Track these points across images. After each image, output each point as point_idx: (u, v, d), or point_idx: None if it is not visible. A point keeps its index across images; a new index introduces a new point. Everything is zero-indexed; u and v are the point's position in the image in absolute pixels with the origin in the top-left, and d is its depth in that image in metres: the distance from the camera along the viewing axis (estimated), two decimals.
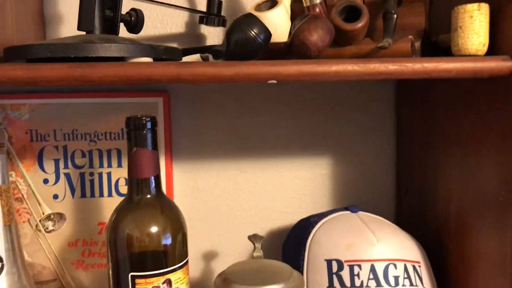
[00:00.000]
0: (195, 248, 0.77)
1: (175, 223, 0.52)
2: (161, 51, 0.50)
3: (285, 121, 0.77)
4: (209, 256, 0.77)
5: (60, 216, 0.71)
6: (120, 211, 0.52)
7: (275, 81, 0.46)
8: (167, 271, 0.50)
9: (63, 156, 0.70)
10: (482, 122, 0.54)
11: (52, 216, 0.71)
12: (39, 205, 0.70)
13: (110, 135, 0.70)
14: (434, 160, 0.66)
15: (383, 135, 0.79)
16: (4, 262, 0.60)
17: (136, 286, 0.49)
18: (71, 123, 0.70)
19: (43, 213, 0.71)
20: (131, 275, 0.49)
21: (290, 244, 0.67)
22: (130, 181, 0.52)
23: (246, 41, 0.46)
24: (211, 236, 0.77)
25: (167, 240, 0.51)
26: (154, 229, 0.51)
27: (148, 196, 0.51)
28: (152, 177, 0.51)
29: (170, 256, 0.51)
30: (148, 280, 0.49)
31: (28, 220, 0.70)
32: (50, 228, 0.71)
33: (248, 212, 0.78)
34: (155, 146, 0.51)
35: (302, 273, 0.61)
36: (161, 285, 0.50)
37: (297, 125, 0.77)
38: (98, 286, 0.72)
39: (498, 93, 0.51)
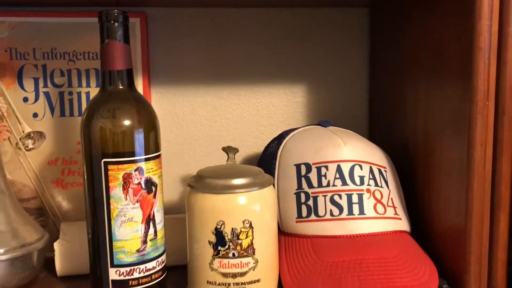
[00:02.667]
0: (173, 172, 0.79)
1: (147, 114, 0.54)
2: None
3: (262, 48, 0.79)
4: (186, 180, 0.80)
5: (40, 135, 0.73)
6: (94, 101, 0.53)
7: None
8: (138, 159, 0.52)
9: (43, 75, 0.71)
10: (442, 54, 0.57)
11: (32, 135, 0.73)
12: (19, 123, 0.72)
13: (88, 54, 0.72)
14: (402, 85, 0.69)
15: (357, 64, 0.81)
16: None
17: (109, 172, 0.51)
18: (50, 42, 0.71)
19: (23, 131, 0.72)
20: (104, 161, 0.51)
21: (264, 157, 0.69)
22: (103, 74, 0.53)
23: None
24: (189, 160, 0.79)
25: (139, 129, 0.53)
26: (126, 118, 0.52)
27: (121, 87, 0.53)
28: (125, 70, 0.53)
29: (143, 146, 0.53)
30: (120, 166, 0.51)
31: (8, 138, 0.72)
32: (30, 146, 0.73)
33: (225, 137, 0.80)
34: (127, 40, 0.53)
35: (274, 180, 0.63)
36: (133, 172, 0.52)
37: (274, 52, 0.79)
38: (77, 204, 0.73)
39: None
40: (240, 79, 0.79)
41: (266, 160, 0.67)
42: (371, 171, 0.61)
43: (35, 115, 0.72)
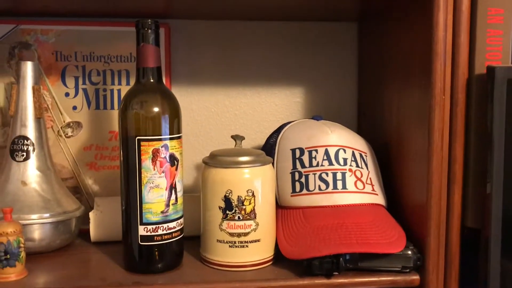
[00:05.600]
0: (188, 160, 0.92)
1: (172, 103, 0.67)
2: None
3: (267, 54, 0.92)
4: (200, 167, 0.93)
5: (78, 124, 0.86)
6: (130, 92, 0.67)
7: None
8: (164, 137, 0.65)
9: (82, 74, 0.85)
10: (410, 59, 0.70)
11: (71, 124, 0.86)
12: (61, 114, 0.86)
13: (121, 58, 0.86)
14: (382, 87, 0.82)
15: (347, 70, 0.94)
16: (35, 146, 0.75)
17: (141, 148, 0.64)
18: (89, 47, 0.85)
19: (64, 121, 0.86)
20: (137, 139, 0.65)
21: (266, 147, 0.82)
22: (137, 70, 0.67)
23: None
24: (202, 150, 0.92)
25: (166, 115, 0.66)
26: (155, 105, 0.66)
27: (152, 81, 0.67)
28: (155, 67, 0.67)
29: (168, 128, 0.66)
30: (150, 143, 0.65)
31: (52, 127, 0.85)
32: (69, 134, 0.86)
33: (233, 131, 0.93)
34: (157, 43, 0.66)
35: (273, 162, 0.76)
36: (160, 148, 0.65)
37: (276, 59, 0.92)
38: (107, 184, 0.87)
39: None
40: (247, 81, 0.93)
41: (267, 149, 0.80)
42: (353, 154, 0.73)
43: (74, 107, 0.86)
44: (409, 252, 0.66)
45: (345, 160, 0.72)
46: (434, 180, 0.65)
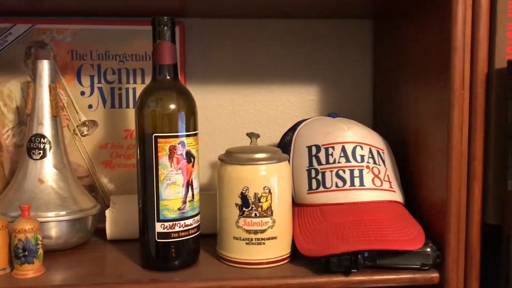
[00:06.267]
0: (203, 158, 0.92)
1: (188, 100, 0.67)
2: None
3: (282, 52, 0.92)
4: (215, 165, 0.92)
5: (93, 123, 0.86)
6: (146, 89, 0.67)
7: None
8: (181, 134, 0.65)
9: (97, 73, 0.86)
10: (427, 55, 0.70)
11: (86, 123, 0.86)
12: (77, 113, 0.86)
13: (136, 56, 0.86)
14: (398, 84, 0.81)
15: (362, 67, 0.94)
16: (51, 144, 0.76)
17: (158, 144, 0.64)
18: (105, 46, 0.85)
19: (80, 120, 0.86)
20: (154, 136, 0.64)
21: (281, 145, 0.81)
22: (154, 67, 0.67)
23: None
24: (216, 148, 0.92)
25: (182, 112, 0.66)
26: (172, 102, 0.66)
27: (168, 78, 0.67)
28: (171, 64, 0.67)
29: (185, 125, 0.66)
30: (167, 140, 0.64)
31: (67, 126, 0.86)
32: (85, 132, 0.86)
33: (248, 129, 0.93)
34: (173, 40, 0.66)
35: (289, 159, 0.75)
36: (177, 144, 0.65)
37: (291, 57, 0.92)
38: (122, 182, 0.87)
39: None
40: (262, 79, 0.92)
41: (283, 146, 0.79)
42: (370, 151, 0.73)
43: (90, 106, 0.86)
44: (428, 249, 0.65)
45: (362, 157, 0.72)
46: (454, 177, 0.64)
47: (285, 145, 0.79)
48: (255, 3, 0.79)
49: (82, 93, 0.86)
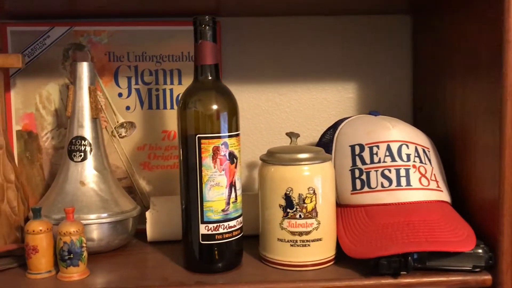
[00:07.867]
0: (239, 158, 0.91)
1: (231, 101, 0.66)
2: None
3: (318, 50, 0.90)
4: (252, 166, 0.91)
5: (131, 124, 0.86)
6: (188, 90, 0.66)
7: None
8: (223, 135, 0.64)
9: (135, 74, 0.85)
10: (475, 51, 0.67)
11: (124, 124, 0.86)
12: (114, 114, 0.86)
13: (172, 57, 0.85)
14: (442, 81, 0.79)
15: (402, 64, 0.91)
16: (92, 146, 0.76)
17: (202, 146, 0.64)
18: (141, 47, 0.85)
19: (118, 122, 0.86)
20: (198, 137, 0.64)
21: (320, 144, 0.80)
22: (195, 67, 0.66)
23: None
24: (253, 148, 0.91)
25: (224, 112, 0.65)
26: (214, 103, 0.65)
27: (210, 78, 0.66)
28: (213, 65, 0.66)
29: (227, 125, 0.65)
30: (210, 141, 0.64)
31: (105, 127, 0.86)
32: (123, 134, 0.86)
33: (284, 129, 0.91)
34: (215, 40, 0.65)
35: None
36: (220, 145, 0.64)
37: (327, 54, 0.90)
38: (161, 183, 0.86)
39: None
40: (298, 77, 0.91)
41: (322, 146, 0.77)
42: (416, 150, 0.71)
43: (127, 107, 0.86)
44: (480, 251, 0.63)
45: (408, 156, 0.70)
46: (507, 175, 0.62)
47: (324, 144, 0.78)
48: (291, 0, 0.78)
49: (120, 95, 0.86)
